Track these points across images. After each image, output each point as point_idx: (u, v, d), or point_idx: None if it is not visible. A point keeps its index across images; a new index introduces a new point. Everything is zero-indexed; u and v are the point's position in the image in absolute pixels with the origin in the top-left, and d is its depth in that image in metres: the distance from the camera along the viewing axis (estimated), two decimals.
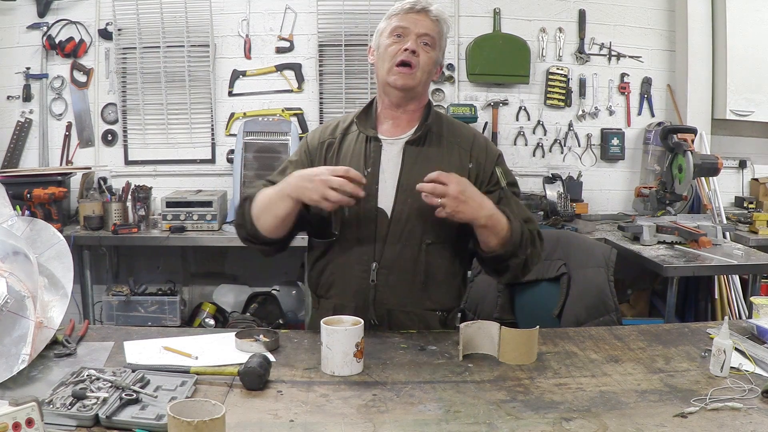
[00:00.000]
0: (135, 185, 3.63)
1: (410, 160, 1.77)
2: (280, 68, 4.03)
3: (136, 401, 1.28)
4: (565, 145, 4.16)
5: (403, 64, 1.73)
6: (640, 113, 4.18)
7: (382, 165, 1.78)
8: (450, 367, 1.53)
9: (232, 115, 4.03)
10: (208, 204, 3.53)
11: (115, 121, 4.03)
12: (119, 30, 3.94)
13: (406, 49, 1.72)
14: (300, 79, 4.03)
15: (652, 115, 4.19)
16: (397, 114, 1.82)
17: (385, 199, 1.76)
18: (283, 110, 4.02)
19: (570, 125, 4.15)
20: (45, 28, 3.88)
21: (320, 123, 4.01)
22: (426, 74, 1.77)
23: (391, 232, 1.75)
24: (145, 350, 1.59)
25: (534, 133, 4.15)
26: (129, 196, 3.57)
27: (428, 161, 1.76)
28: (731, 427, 1.24)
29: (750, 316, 1.91)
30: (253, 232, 1.77)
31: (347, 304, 1.76)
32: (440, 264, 1.78)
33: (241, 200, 1.82)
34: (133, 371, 1.39)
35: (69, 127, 3.99)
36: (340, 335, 1.47)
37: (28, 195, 3.33)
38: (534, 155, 4.16)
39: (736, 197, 4.23)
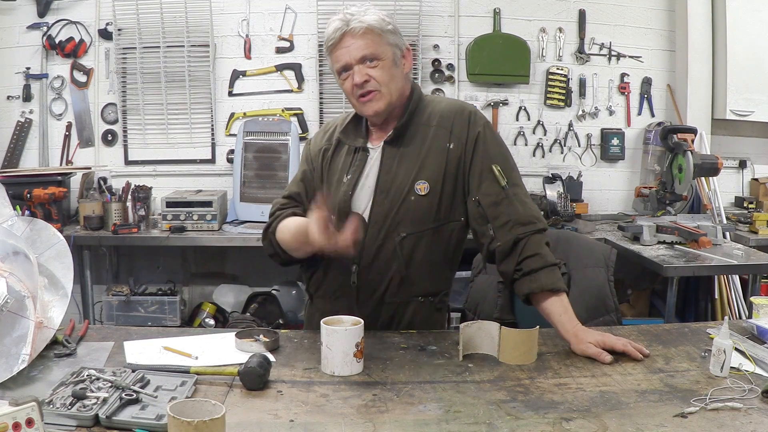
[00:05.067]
0: (135, 185, 3.63)
1: (388, 161, 1.79)
2: (280, 68, 4.03)
3: (136, 401, 1.28)
4: (565, 145, 4.16)
5: (362, 95, 1.75)
6: (640, 113, 4.18)
7: (365, 171, 1.81)
8: (450, 367, 1.53)
9: (232, 115, 4.03)
10: (208, 204, 3.53)
11: (115, 121, 4.03)
12: (119, 30, 3.93)
13: (356, 85, 1.74)
14: (300, 79, 4.03)
15: (652, 115, 4.19)
16: (382, 124, 1.85)
17: (364, 204, 1.79)
18: (283, 110, 4.02)
19: (570, 125, 4.15)
20: (45, 28, 3.88)
21: (320, 123, 4.02)
22: (389, 83, 1.75)
23: (369, 234, 1.77)
24: (145, 350, 1.59)
25: (534, 133, 4.15)
26: (129, 196, 3.57)
27: (404, 158, 1.78)
28: (731, 427, 1.24)
29: (750, 316, 1.91)
30: (289, 260, 1.84)
31: (332, 307, 1.76)
32: (418, 254, 1.78)
33: (264, 231, 1.88)
34: (133, 371, 1.39)
35: (69, 127, 3.99)
36: (340, 335, 1.47)
37: (28, 195, 3.33)
38: (534, 155, 4.16)
39: (736, 197, 4.23)
